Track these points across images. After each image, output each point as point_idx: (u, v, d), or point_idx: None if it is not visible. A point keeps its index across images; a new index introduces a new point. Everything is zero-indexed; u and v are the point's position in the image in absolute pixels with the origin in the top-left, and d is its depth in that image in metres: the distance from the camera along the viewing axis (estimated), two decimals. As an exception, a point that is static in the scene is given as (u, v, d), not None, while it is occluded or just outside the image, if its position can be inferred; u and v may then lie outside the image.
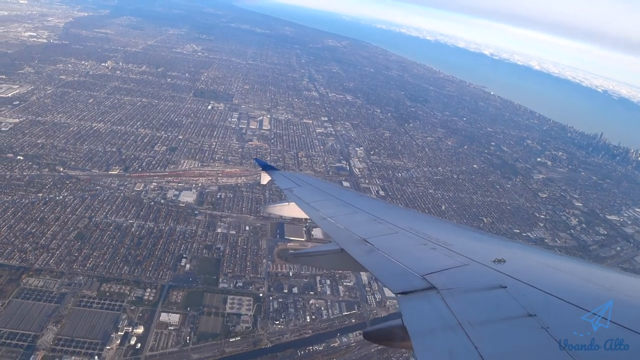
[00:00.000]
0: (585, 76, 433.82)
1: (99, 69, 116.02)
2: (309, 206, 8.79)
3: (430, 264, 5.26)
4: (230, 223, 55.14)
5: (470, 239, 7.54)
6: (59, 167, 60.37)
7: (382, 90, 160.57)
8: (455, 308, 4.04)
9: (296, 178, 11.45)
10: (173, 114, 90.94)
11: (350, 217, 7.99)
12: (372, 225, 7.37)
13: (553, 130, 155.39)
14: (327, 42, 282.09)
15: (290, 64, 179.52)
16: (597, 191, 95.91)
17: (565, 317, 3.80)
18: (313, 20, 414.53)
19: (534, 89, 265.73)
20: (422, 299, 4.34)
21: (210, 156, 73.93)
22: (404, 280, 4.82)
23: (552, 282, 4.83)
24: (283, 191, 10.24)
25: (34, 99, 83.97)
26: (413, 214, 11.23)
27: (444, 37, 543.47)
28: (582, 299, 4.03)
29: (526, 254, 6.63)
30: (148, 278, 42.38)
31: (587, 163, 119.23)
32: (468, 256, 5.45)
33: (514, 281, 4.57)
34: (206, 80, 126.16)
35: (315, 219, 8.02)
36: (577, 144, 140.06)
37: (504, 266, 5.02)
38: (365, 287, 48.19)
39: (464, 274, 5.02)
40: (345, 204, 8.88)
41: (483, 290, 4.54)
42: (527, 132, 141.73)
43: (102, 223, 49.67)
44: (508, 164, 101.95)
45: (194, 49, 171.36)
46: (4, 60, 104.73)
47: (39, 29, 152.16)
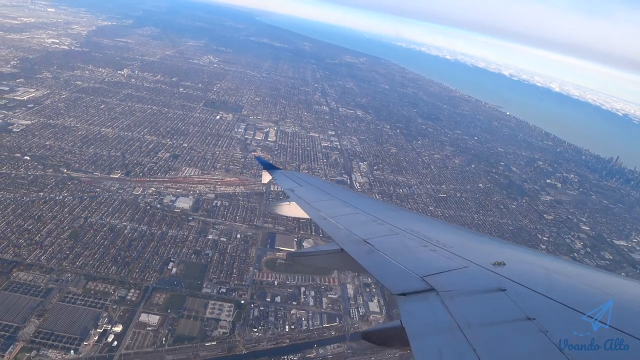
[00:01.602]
0: (607, 99, 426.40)
1: (114, 76, 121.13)
2: (309, 206, 8.89)
3: (430, 265, 5.37)
4: (222, 230, 56.55)
5: (471, 241, 7.67)
6: (63, 169, 63.26)
7: (395, 107, 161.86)
8: (454, 310, 4.10)
9: (297, 177, 11.63)
10: (181, 123, 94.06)
11: (351, 217, 8.11)
12: (373, 226, 7.49)
13: (567, 153, 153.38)
14: (344, 58, 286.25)
15: (305, 79, 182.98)
16: (606, 215, 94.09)
17: (564, 320, 3.84)
18: (333, 37, 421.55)
19: (552, 111, 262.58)
20: (421, 301, 4.43)
21: (212, 164, 76.07)
22: (404, 281, 4.93)
23: (551, 285, 4.86)
24: (284, 190, 10.37)
25: (48, 103, 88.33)
26: (414, 215, 11.39)
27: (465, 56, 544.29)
28: (582, 302, 4.08)
29: (526, 257, 6.75)
30: (134, 279, 43.90)
31: (600, 187, 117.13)
32: (468, 258, 5.54)
33: (513, 284, 4.64)
34: (218, 91, 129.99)
35: (315, 218, 8.12)
36: (590, 167, 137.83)
37: (503, 269, 5.09)
38: (350, 300, 48.53)
39: (463, 276, 5.10)
40: (346, 205, 9.03)
41: (482, 293, 4.62)
42: (540, 153, 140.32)
43: (96, 224, 51.78)
44: (515, 185, 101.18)
45: (210, 60, 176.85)
46: (24, 65, 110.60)
47: (62, 36, 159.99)
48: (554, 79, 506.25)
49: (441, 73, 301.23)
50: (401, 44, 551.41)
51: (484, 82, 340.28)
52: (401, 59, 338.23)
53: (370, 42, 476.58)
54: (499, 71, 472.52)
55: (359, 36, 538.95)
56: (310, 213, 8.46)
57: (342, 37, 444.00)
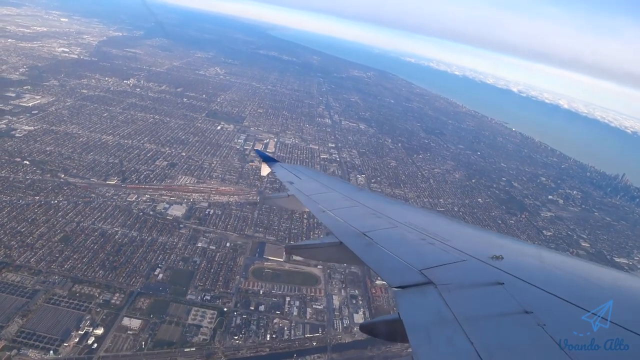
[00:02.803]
0: (616, 117, 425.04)
1: (120, 85, 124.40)
2: (308, 199, 8.97)
3: (428, 259, 5.43)
4: (212, 239, 57.53)
5: (469, 234, 7.76)
6: (61, 174, 65.09)
7: (398, 121, 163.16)
8: (452, 303, 4.15)
9: (297, 170, 11.71)
10: (181, 132, 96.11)
11: (349, 210, 8.20)
12: (372, 219, 7.58)
13: (572, 169, 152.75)
14: (352, 72, 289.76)
15: (310, 91, 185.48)
16: (608, 232, 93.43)
17: (561, 314, 3.88)
18: (342, 51, 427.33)
19: (559, 127, 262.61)
20: (419, 294, 4.50)
21: (208, 174, 77.50)
22: (402, 274, 5.00)
23: (549, 279, 4.89)
24: (283, 183, 10.45)
25: (52, 110, 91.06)
26: (412, 208, 11.42)
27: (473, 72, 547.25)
28: (579, 297, 4.15)
29: (524, 251, 6.84)
30: (119, 283, 44.93)
31: (603, 203, 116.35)
32: (466, 252, 5.61)
33: (511, 278, 4.68)
34: (222, 102, 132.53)
35: (314, 211, 8.22)
36: (595, 184, 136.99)
37: (501, 263, 5.15)
38: (335, 312, 48.91)
39: (461, 269, 5.14)
40: (345, 197, 9.12)
41: (480, 286, 4.66)
42: (544, 169, 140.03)
43: (88, 228, 53.15)
44: (516, 200, 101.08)
45: (217, 72, 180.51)
46: (32, 73, 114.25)
47: (72, 45, 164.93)
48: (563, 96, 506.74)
49: (448, 88, 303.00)
50: (410, 59, 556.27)
51: (492, 98, 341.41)
52: (409, 74, 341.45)
53: (379, 57, 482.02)
54: (508, 87, 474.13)
55: (369, 51, 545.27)
56: (308, 205, 8.58)
57: (351, 51, 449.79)
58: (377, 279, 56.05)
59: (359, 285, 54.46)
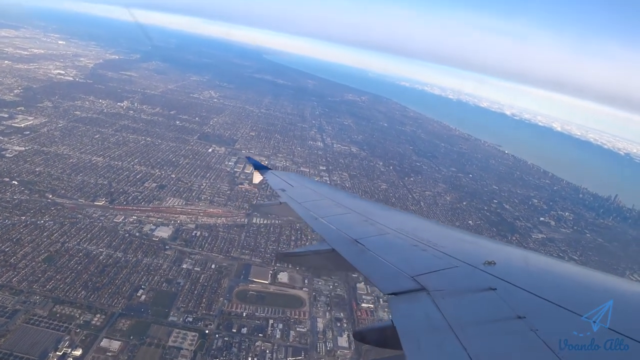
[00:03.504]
0: (609, 139, 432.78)
1: (114, 107, 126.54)
2: (301, 206, 9.08)
3: (421, 265, 5.50)
4: (197, 260, 58.01)
5: (461, 241, 7.79)
6: (49, 194, 65.89)
7: (391, 144, 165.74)
8: (445, 309, 4.20)
9: (289, 178, 11.87)
10: (172, 154, 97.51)
11: (342, 217, 8.27)
12: (364, 226, 7.63)
13: (564, 191, 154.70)
14: (346, 96, 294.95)
15: (303, 115, 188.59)
16: (600, 254, 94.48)
17: (554, 319, 3.91)
18: (338, 75, 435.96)
19: (551, 149, 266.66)
20: (412, 300, 4.55)
21: (197, 196, 78.43)
22: (395, 281, 5.06)
23: (542, 285, 4.95)
24: (275, 191, 10.58)
25: (44, 131, 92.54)
26: (405, 215, 11.87)
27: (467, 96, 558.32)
28: (572, 302, 4.19)
29: (516, 256, 6.89)
30: (101, 304, 45.19)
31: (596, 225, 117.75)
32: (459, 258, 5.66)
33: (504, 283, 4.74)
34: (214, 125, 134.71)
35: (307, 218, 8.30)
36: (587, 205, 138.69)
37: (494, 268, 5.21)
38: (319, 335, 49.09)
39: (454, 275, 5.20)
40: (337, 205, 9.24)
41: (473, 292, 4.71)
42: (536, 191, 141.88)
43: (73, 249, 53.64)
44: (506, 222, 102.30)
45: (211, 95, 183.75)
46: (27, 94, 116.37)
47: (68, 68, 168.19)
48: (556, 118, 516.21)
49: (442, 112, 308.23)
50: (405, 83, 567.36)
51: (485, 121, 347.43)
52: (403, 98, 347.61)
53: (375, 81, 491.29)
54: (501, 111, 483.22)
55: (364, 75, 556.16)
56: (301, 213, 8.69)
57: (346, 75, 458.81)
58: (363, 301, 56.59)
59: (344, 308, 54.78)
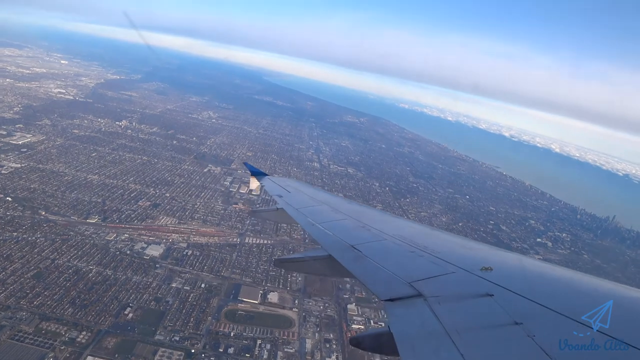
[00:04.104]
0: (608, 160, 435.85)
1: (112, 126, 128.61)
2: (297, 212, 9.14)
3: (417, 271, 5.52)
4: (187, 279, 58.39)
5: (458, 246, 7.83)
6: (42, 211, 66.74)
7: (388, 165, 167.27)
8: (442, 315, 4.21)
9: (286, 184, 11.98)
10: (168, 173, 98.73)
11: (339, 223, 8.35)
12: (361, 232, 7.73)
13: (562, 212, 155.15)
14: (345, 117, 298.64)
15: (301, 136, 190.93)
16: (598, 275, 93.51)
17: (551, 325, 3.94)
18: (337, 97, 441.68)
19: (550, 171, 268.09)
20: (409, 306, 4.55)
21: (190, 215, 79.18)
22: (391, 287, 5.09)
23: (538, 290, 4.96)
24: (272, 197, 10.58)
25: (42, 148, 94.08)
26: (402, 221, 11.57)
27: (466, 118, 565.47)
28: (569, 307, 4.22)
29: (513, 262, 6.88)
30: (88, 322, 45.47)
31: (593, 246, 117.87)
32: (455, 264, 5.69)
33: (501, 289, 4.77)
34: (211, 145, 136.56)
35: (303, 224, 8.38)
36: (585, 226, 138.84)
37: (491, 274, 5.24)
38: (307, 356, 49.11)
39: (451, 281, 5.24)
40: (334, 211, 9.34)
41: (470, 298, 4.73)
42: (533, 212, 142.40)
43: (63, 266, 54.18)
44: (503, 243, 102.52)
45: (209, 116, 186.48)
46: (27, 112, 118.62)
47: (69, 87, 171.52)
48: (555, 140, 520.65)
49: (441, 133, 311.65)
50: (404, 105, 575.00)
51: (484, 142, 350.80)
52: (402, 120, 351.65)
53: (374, 103, 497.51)
54: (500, 132, 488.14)
55: (364, 97, 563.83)
56: (298, 219, 8.78)
57: (346, 97, 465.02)
58: (353, 322, 56.72)
59: (334, 329, 54.85)
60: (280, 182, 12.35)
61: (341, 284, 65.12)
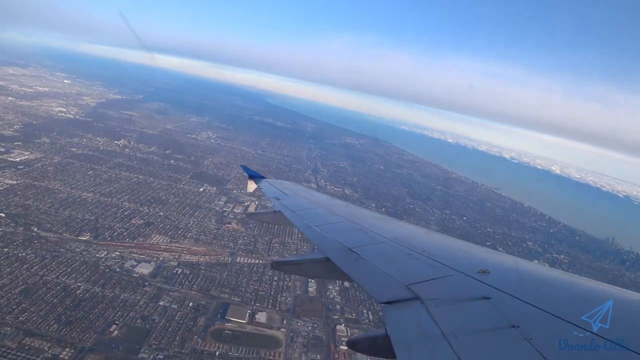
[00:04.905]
0: (609, 182, 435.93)
1: (110, 145, 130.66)
2: (295, 215, 9.20)
3: (415, 274, 5.58)
4: (175, 298, 58.76)
5: (455, 249, 7.89)
6: (34, 228, 67.66)
7: (385, 186, 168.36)
8: (439, 318, 4.25)
9: (283, 186, 12.17)
10: (162, 192, 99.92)
11: (336, 226, 8.41)
12: (358, 235, 7.78)
13: (561, 234, 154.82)
14: (345, 139, 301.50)
15: (299, 157, 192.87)
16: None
17: (548, 328, 3.97)
18: (338, 119, 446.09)
19: (550, 192, 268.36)
20: (406, 309, 4.59)
21: (183, 234, 79.91)
22: (389, 289, 5.13)
23: (536, 293, 5.00)
24: (270, 199, 10.73)
25: (39, 166, 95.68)
26: (399, 224, 11.73)
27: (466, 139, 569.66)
28: (566, 310, 4.27)
29: (510, 265, 6.94)
30: (72, 338, 45.81)
31: (592, 267, 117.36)
32: (452, 267, 5.75)
33: (497, 292, 4.81)
34: (209, 165, 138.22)
35: (301, 227, 8.42)
36: (584, 248, 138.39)
37: (488, 277, 5.28)
38: (291, 377, 49.18)
39: (448, 284, 5.27)
40: (332, 213, 9.43)
41: (467, 301, 4.77)
42: (531, 234, 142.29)
43: (51, 282, 54.77)
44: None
45: (208, 136, 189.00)
46: (26, 130, 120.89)
47: (70, 106, 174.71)
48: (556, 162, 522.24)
49: (440, 155, 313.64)
50: (404, 127, 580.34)
51: (484, 164, 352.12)
52: (402, 141, 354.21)
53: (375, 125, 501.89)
54: (500, 154, 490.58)
55: (365, 119, 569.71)
56: (295, 222, 8.81)
57: (347, 119, 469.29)
58: (341, 343, 56.66)
59: (321, 350, 54.83)
60: (278, 185, 12.48)
61: (331, 305, 65.41)
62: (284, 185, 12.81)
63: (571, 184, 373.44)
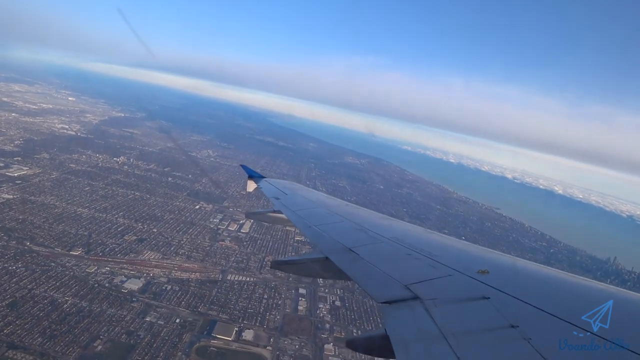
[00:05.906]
0: (612, 201, 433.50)
1: (109, 162, 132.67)
2: (294, 214, 9.32)
3: (414, 274, 5.59)
4: (162, 314, 59.16)
5: (455, 249, 7.89)
6: (27, 242, 68.71)
7: (384, 206, 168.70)
8: (438, 318, 4.26)
9: (283, 186, 12.22)
10: (158, 209, 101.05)
11: (336, 226, 8.45)
12: (358, 235, 7.83)
13: (561, 253, 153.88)
14: (346, 159, 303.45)
15: (298, 176, 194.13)
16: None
17: (547, 328, 3.97)
18: (340, 139, 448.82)
19: (552, 212, 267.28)
20: (405, 309, 4.60)
21: (175, 250, 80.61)
22: (388, 289, 5.15)
23: (535, 293, 5.03)
24: (269, 199, 10.74)
25: (36, 181, 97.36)
26: (399, 224, 11.71)
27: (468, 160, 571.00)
28: (566, 311, 4.28)
29: (510, 265, 6.95)
30: (55, 352, 46.26)
31: None
32: (452, 267, 5.79)
33: (497, 292, 4.83)
34: (206, 182, 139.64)
35: (300, 227, 8.52)
36: (585, 268, 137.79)
37: (487, 277, 5.31)
38: (274, 396, 49.12)
39: (447, 284, 5.29)
40: (331, 213, 9.48)
41: (466, 301, 4.78)
42: (531, 254, 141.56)
43: (39, 296, 55.47)
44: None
45: (208, 154, 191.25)
46: (27, 145, 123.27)
47: (72, 123, 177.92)
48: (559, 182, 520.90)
49: (442, 175, 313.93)
50: (407, 147, 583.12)
51: (485, 184, 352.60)
52: (404, 161, 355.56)
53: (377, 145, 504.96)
54: (502, 174, 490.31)
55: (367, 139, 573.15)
56: (295, 221, 8.95)
57: (350, 139, 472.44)
58: (328, 365, 56.63)
59: (307, 370, 54.86)
60: (277, 185, 12.62)
61: (320, 324, 65.47)
62: (284, 184, 12.93)
63: (574, 204, 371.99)
